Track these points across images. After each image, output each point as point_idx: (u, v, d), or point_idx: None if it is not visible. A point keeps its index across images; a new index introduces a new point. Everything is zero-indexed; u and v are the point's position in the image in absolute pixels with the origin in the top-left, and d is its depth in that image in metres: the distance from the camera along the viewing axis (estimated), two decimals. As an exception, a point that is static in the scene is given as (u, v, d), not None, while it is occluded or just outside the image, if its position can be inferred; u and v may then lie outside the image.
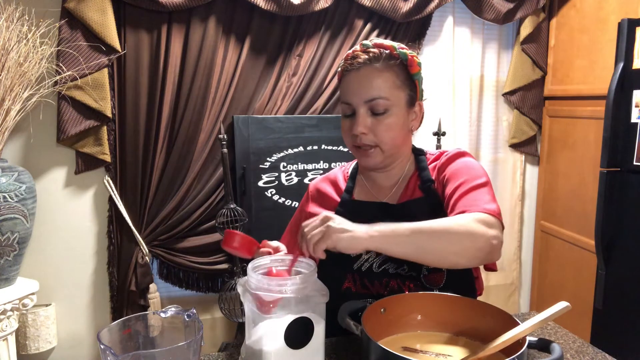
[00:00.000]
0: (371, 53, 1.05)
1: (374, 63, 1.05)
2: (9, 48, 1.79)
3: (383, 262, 1.07)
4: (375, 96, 1.04)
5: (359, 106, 1.05)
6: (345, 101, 1.08)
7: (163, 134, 2.16)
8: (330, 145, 2.33)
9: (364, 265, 1.08)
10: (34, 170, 2.07)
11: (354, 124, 1.06)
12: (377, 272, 1.07)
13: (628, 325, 1.94)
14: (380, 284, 1.07)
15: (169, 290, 2.40)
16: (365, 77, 1.04)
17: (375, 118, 1.05)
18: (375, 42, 1.07)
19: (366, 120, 1.05)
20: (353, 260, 1.08)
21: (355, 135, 1.06)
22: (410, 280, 1.06)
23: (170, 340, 0.79)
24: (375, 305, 0.89)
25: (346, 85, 1.08)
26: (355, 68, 1.05)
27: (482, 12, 2.46)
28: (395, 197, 1.13)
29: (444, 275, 1.06)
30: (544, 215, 2.76)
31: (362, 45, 1.08)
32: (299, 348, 0.79)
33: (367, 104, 1.04)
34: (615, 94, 1.90)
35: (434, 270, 1.05)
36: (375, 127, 1.05)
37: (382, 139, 1.05)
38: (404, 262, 1.06)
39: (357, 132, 1.05)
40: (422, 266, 1.05)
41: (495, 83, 2.69)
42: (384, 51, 1.06)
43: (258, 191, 2.27)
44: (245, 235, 1.05)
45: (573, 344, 1.02)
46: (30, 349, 2.13)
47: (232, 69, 2.21)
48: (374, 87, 1.04)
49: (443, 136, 2.40)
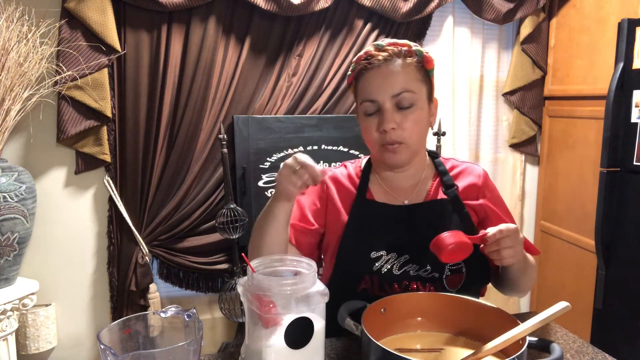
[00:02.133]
0: (389, 51, 1.04)
1: (394, 60, 1.04)
2: (9, 48, 1.79)
3: (404, 264, 1.06)
4: (403, 89, 1.02)
5: (385, 102, 1.03)
6: (368, 99, 1.05)
7: (163, 134, 2.16)
8: (330, 145, 2.33)
9: (384, 266, 1.07)
10: (34, 170, 2.07)
11: (382, 121, 1.03)
12: (397, 274, 1.06)
13: (628, 325, 1.94)
14: (400, 286, 1.06)
15: (169, 290, 2.40)
16: (389, 72, 1.03)
17: (401, 113, 1.03)
18: (389, 42, 1.07)
19: (394, 116, 1.03)
20: (373, 260, 1.07)
21: (384, 133, 1.03)
22: (431, 282, 1.06)
23: (170, 340, 0.79)
24: (376, 305, 0.89)
25: (367, 83, 1.05)
26: (375, 66, 1.04)
27: (482, 12, 2.46)
28: (417, 199, 1.12)
29: (463, 277, 1.07)
30: (544, 215, 2.76)
31: (375, 46, 1.07)
32: (299, 348, 0.79)
33: (394, 98, 1.03)
34: (615, 94, 1.90)
35: (455, 271, 1.06)
36: (402, 123, 1.03)
37: (409, 134, 1.04)
38: (427, 263, 1.06)
39: (387, 127, 1.02)
40: (444, 267, 1.06)
41: (495, 83, 2.69)
42: (402, 48, 1.05)
43: (258, 191, 2.27)
44: (456, 234, 0.93)
45: (573, 344, 1.02)
46: (30, 349, 2.13)
47: (232, 69, 2.20)
48: (399, 80, 1.03)
49: (443, 136, 2.40)
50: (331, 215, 1.14)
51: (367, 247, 1.08)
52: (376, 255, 1.07)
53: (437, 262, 1.04)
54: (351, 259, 1.07)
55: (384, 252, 1.07)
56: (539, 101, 2.69)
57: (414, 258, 1.06)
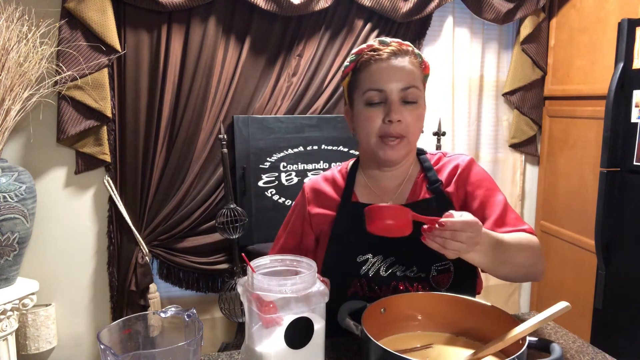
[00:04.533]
0: (395, 47, 1.05)
1: (401, 56, 1.05)
2: (9, 48, 1.79)
3: (391, 265, 1.06)
4: (411, 84, 1.03)
5: (392, 93, 1.03)
6: (375, 88, 1.03)
7: (163, 134, 2.16)
8: (330, 145, 2.33)
9: (370, 269, 1.07)
10: (34, 170, 2.07)
11: (389, 111, 1.02)
12: (384, 275, 1.06)
13: (628, 325, 1.94)
14: (388, 287, 1.06)
15: (169, 290, 2.40)
16: (400, 65, 1.04)
17: (406, 107, 1.03)
18: (394, 41, 1.08)
19: (400, 108, 1.03)
20: (360, 265, 1.07)
21: (387, 124, 1.03)
22: (418, 281, 1.05)
23: (170, 340, 0.79)
24: (376, 305, 0.89)
25: (376, 73, 1.04)
26: (383, 58, 1.04)
27: (482, 12, 2.46)
28: (402, 198, 1.11)
29: (451, 276, 1.06)
30: (544, 215, 2.76)
31: (380, 42, 1.07)
32: (299, 348, 0.79)
33: (402, 92, 1.03)
34: (615, 94, 1.90)
35: (442, 271, 1.05)
36: (406, 117, 1.03)
37: (411, 130, 1.04)
38: (413, 264, 1.05)
39: (394, 118, 1.02)
40: (431, 267, 1.05)
41: (495, 83, 2.69)
42: (407, 48, 1.07)
43: (258, 191, 2.27)
44: (394, 206, 0.87)
45: (573, 344, 1.02)
46: (30, 349, 2.13)
47: (232, 69, 2.20)
48: (408, 75, 1.03)
49: (443, 136, 2.40)
50: (316, 225, 1.15)
51: (353, 251, 1.08)
52: (362, 259, 1.07)
53: (423, 263, 1.05)
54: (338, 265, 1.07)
55: (370, 255, 1.07)
56: (539, 101, 2.69)
57: (399, 259, 1.06)
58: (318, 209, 1.16)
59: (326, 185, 1.18)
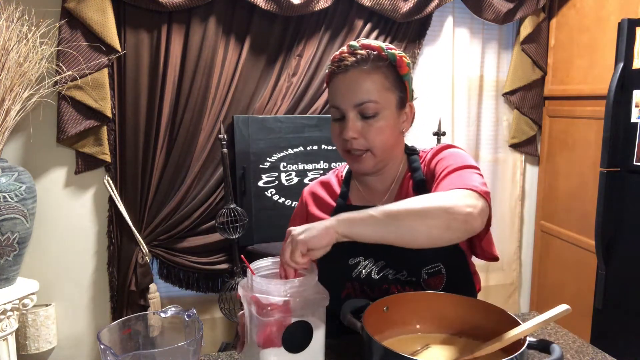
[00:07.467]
0: (358, 55, 1.02)
1: (362, 65, 1.01)
2: (9, 48, 1.79)
3: (382, 269, 1.06)
4: (365, 100, 1.00)
5: (348, 110, 1.01)
6: (334, 105, 1.04)
7: (163, 134, 2.16)
8: (330, 145, 2.33)
9: (362, 272, 1.07)
10: (34, 170, 2.07)
11: (344, 129, 1.02)
12: (376, 279, 1.06)
13: (628, 325, 1.94)
14: (380, 290, 1.06)
15: (169, 290, 2.40)
16: (354, 80, 1.01)
17: (365, 122, 1.01)
18: (362, 43, 1.04)
19: (356, 125, 1.01)
20: (351, 268, 1.07)
21: (346, 140, 1.03)
22: (409, 285, 1.05)
23: (170, 340, 0.79)
24: (378, 304, 0.89)
25: (334, 89, 1.04)
26: (342, 71, 1.02)
27: (482, 12, 2.46)
28: (390, 200, 1.11)
29: (444, 278, 1.05)
30: (544, 215, 2.76)
31: (349, 46, 1.05)
32: (298, 352, 0.79)
33: (356, 107, 1.01)
34: (615, 94, 1.90)
35: (433, 274, 1.05)
36: (365, 131, 1.01)
37: (373, 143, 1.02)
38: (403, 268, 1.05)
39: (347, 136, 1.01)
40: (421, 270, 1.04)
41: (495, 83, 2.69)
42: (372, 52, 1.02)
43: (258, 191, 2.27)
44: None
45: (573, 344, 1.02)
46: (30, 349, 2.13)
47: (232, 69, 2.20)
48: (362, 90, 1.00)
49: (443, 136, 2.40)
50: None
51: (345, 254, 1.07)
52: (354, 262, 1.07)
53: (412, 267, 1.04)
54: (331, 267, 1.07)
55: (362, 257, 1.07)
56: (539, 101, 2.69)
57: (389, 263, 1.06)
58: (317, 212, 1.17)
59: (322, 190, 1.20)
